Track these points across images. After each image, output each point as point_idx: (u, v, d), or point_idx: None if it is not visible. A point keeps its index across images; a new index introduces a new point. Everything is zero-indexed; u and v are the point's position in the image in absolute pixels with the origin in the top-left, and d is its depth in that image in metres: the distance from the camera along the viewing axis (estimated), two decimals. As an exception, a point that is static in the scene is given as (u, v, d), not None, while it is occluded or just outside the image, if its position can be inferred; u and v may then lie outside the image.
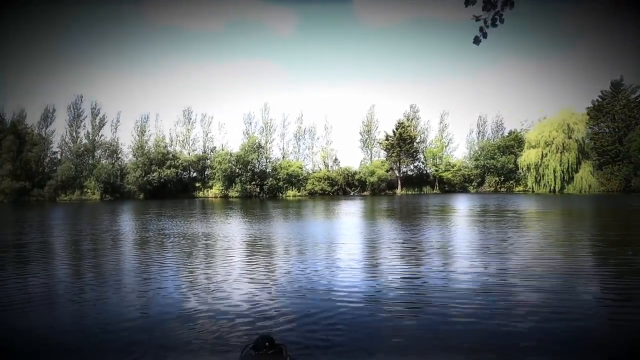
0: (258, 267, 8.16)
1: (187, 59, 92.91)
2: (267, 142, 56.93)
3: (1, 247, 11.68)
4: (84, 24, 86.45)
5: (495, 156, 58.46)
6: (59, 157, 52.89)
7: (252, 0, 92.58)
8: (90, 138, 53.30)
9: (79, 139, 53.36)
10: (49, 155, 52.17)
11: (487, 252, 9.80)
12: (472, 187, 59.01)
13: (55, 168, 51.30)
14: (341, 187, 55.83)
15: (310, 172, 57.27)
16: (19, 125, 51.14)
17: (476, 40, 3.86)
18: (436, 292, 6.20)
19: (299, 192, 54.31)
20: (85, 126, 53.64)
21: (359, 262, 8.67)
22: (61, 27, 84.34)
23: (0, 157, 49.25)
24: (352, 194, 55.47)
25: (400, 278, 7.22)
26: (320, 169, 58.06)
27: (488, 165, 58.77)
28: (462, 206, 28.53)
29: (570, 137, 50.28)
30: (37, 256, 10.15)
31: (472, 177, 59.40)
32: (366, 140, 60.08)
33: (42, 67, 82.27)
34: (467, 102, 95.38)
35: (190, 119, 57.49)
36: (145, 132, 55.23)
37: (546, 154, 51.90)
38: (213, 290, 6.37)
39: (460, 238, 12.41)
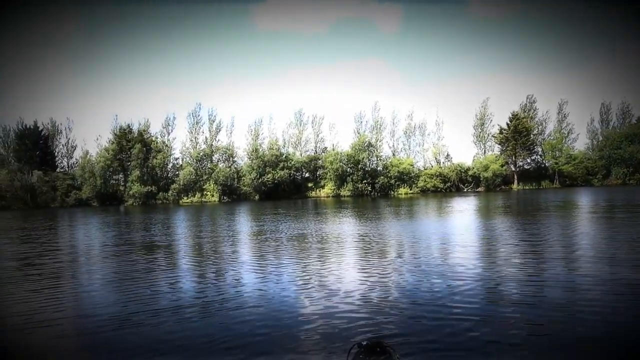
0: (370, 268, 7.95)
1: (295, 61, 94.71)
2: (377, 141, 56.33)
3: (134, 247, 12.07)
4: (197, 33, 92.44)
5: (623, 145, 53.37)
6: (180, 162, 55.62)
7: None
8: (208, 143, 55.68)
9: (197, 145, 55.91)
10: (171, 160, 55.01)
11: (616, 256, 8.19)
12: (596, 180, 54.20)
13: (177, 173, 54.04)
14: (454, 183, 53.69)
15: (422, 169, 55.76)
16: (145, 134, 54.63)
17: None
18: (558, 299, 5.58)
19: (410, 189, 52.90)
20: (203, 132, 56.22)
21: (473, 264, 7.95)
22: (172, 37, 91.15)
23: (130, 164, 52.81)
24: (465, 190, 53.09)
25: (518, 281, 6.59)
26: (432, 166, 56.35)
27: (614, 155, 53.77)
28: (587, 201, 25.49)
29: None
30: (171, 256, 10.68)
31: (596, 169, 54.58)
32: (479, 135, 57.65)
33: (163, 77, 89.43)
34: (587, 89, 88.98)
35: (302, 120, 58.51)
36: (259, 135, 56.78)
37: (683, 141, 46.82)
38: (325, 290, 6.38)
39: (585, 239, 10.59)
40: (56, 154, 58.53)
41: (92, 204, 51.72)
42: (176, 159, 55.55)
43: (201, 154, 54.59)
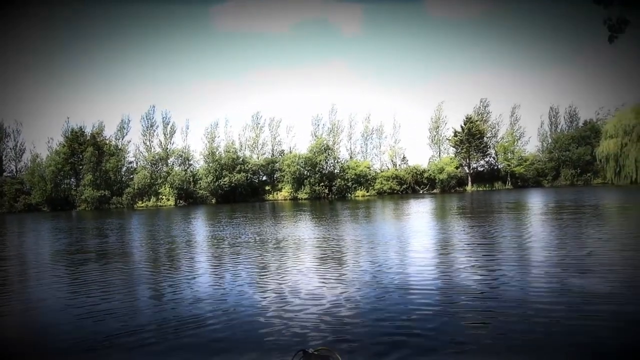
0: (325, 273, 8.01)
1: (253, 63, 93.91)
2: (334, 143, 56.70)
3: (88, 255, 11.96)
4: (154, 34, 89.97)
5: (571, 148, 55.53)
6: (134, 166, 54.55)
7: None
8: (163, 146, 54.80)
9: (152, 148, 54.95)
10: (125, 164, 53.89)
11: (565, 253, 8.77)
12: (546, 182, 56.17)
13: (131, 177, 52.99)
14: (410, 185, 54.59)
15: (379, 171, 56.46)
16: (98, 137, 53.33)
17: (611, 39, 3.89)
18: (511, 301, 5.63)
19: (367, 192, 53.53)
20: (157, 135, 55.30)
21: (427, 268, 8.09)
22: (127, 38, 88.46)
23: (82, 168, 51.49)
24: (421, 192, 54.11)
25: (472, 284, 6.68)
26: (389, 168, 57.16)
27: (563, 157, 55.84)
28: (537, 202, 26.56)
29: (653, 125, 47.09)
30: (126, 260, 10.79)
31: (546, 170, 56.57)
32: (435, 137, 58.81)
33: (115, 79, 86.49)
34: (538, 93, 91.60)
35: (259, 123, 58.26)
36: (215, 138, 56.27)
37: (626, 144, 48.75)
38: (277, 297, 6.39)
39: (536, 241, 10.96)
40: (3, 157, 56.49)
41: (42, 209, 50.24)
42: (130, 162, 54.49)
43: (156, 157, 53.71)
